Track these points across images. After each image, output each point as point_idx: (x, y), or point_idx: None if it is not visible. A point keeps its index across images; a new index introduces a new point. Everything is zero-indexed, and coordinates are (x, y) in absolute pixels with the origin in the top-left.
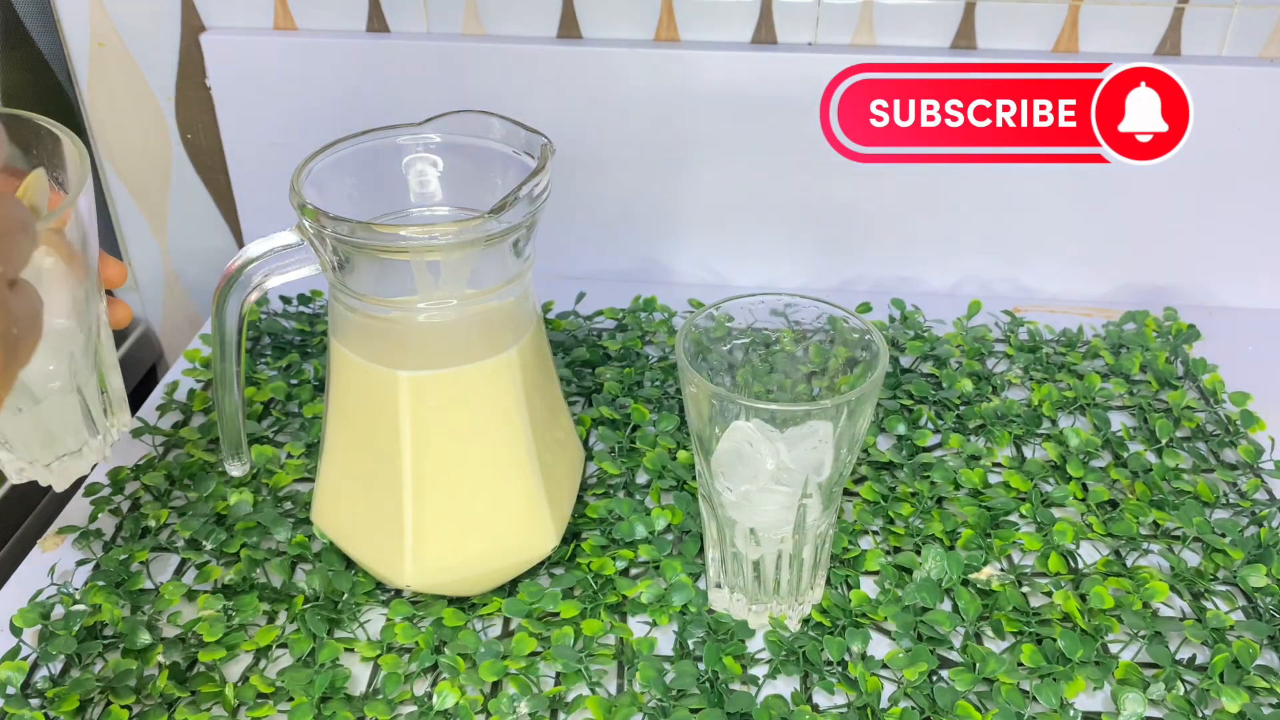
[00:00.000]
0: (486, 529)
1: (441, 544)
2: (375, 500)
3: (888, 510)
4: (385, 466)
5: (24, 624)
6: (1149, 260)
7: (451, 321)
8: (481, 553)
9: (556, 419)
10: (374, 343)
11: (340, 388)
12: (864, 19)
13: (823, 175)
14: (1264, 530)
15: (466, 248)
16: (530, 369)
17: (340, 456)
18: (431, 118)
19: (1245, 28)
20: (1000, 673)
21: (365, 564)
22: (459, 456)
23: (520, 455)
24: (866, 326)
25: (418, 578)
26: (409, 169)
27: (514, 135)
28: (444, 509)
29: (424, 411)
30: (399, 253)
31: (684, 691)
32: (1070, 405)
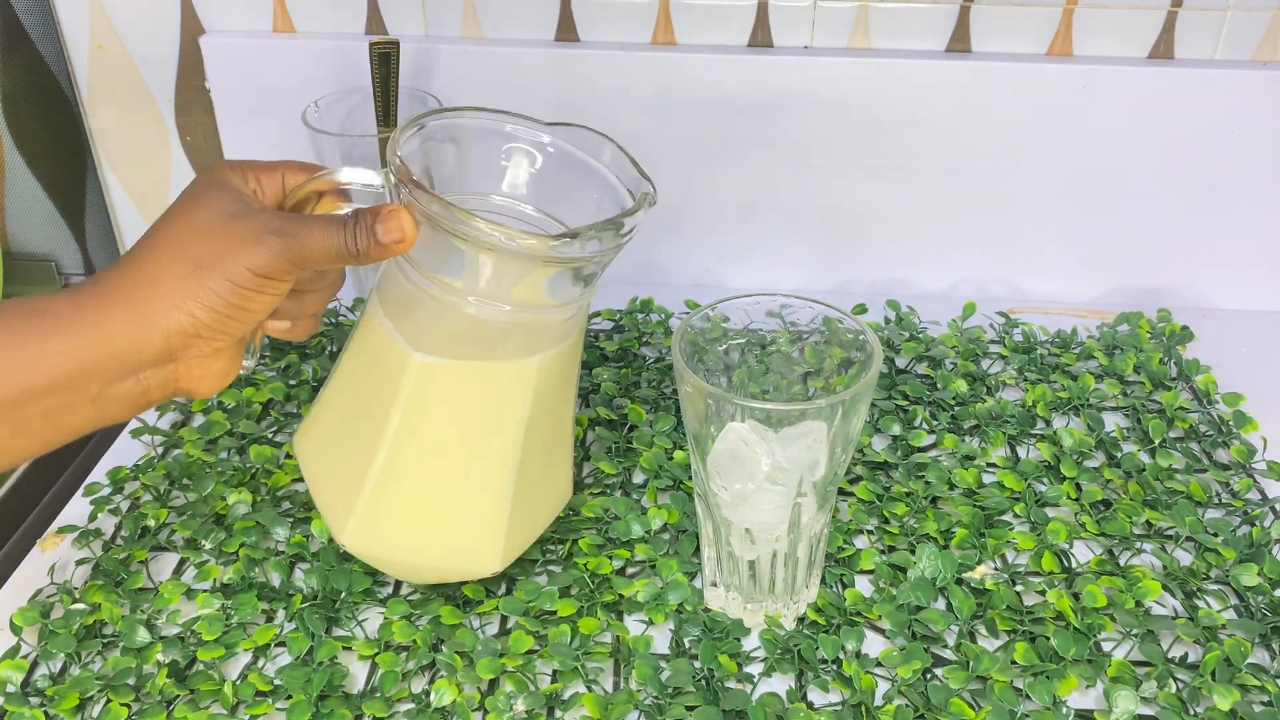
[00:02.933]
0: (437, 527)
1: (389, 522)
2: (349, 452)
3: (883, 510)
4: (370, 428)
5: (24, 623)
6: (1143, 262)
7: (490, 318)
8: (422, 547)
9: (555, 448)
10: (407, 310)
11: (361, 339)
12: (860, 22)
13: (819, 177)
14: (1256, 530)
15: (523, 259)
16: (548, 384)
17: (336, 399)
18: (552, 122)
19: (1238, 31)
20: (994, 671)
21: (318, 504)
22: (442, 448)
23: (501, 470)
24: (861, 327)
25: (354, 541)
26: (508, 157)
27: (622, 167)
28: (406, 492)
29: (424, 396)
30: (458, 237)
31: (680, 689)
32: (1064, 406)
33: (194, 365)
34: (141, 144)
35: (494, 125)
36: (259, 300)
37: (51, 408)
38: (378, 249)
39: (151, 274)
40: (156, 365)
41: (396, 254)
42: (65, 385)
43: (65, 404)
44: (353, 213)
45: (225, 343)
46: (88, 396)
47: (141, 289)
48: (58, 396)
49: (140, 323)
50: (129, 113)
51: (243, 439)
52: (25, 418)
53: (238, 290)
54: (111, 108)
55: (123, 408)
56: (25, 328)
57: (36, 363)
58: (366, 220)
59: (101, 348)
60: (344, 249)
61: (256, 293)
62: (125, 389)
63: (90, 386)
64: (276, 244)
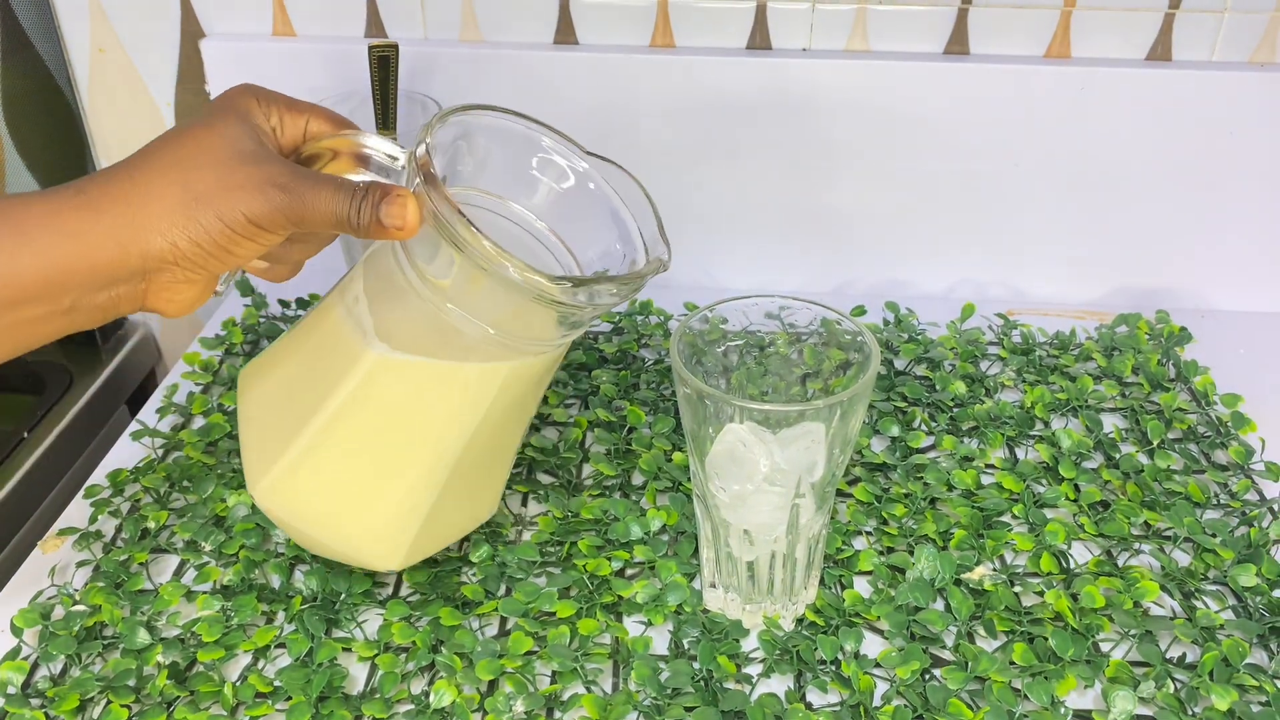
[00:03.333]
0: (349, 511)
1: (304, 492)
2: (284, 410)
3: (881, 511)
4: (310, 398)
5: (25, 624)
6: (1141, 264)
7: (465, 330)
8: (329, 525)
9: (493, 464)
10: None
11: (330, 307)
12: (858, 25)
13: (818, 179)
14: (1254, 530)
15: (516, 291)
16: (505, 400)
17: (289, 356)
18: (591, 152)
19: (1235, 33)
20: (992, 671)
21: (242, 445)
22: (377, 438)
23: (431, 474)
24: (859, 329)
25: (264, 497)
26: (540, 170)
27: (646, 220)
28: (329, 468)
29: (373, 387)
30: (456, 248)
31: (679, 690)
32: (1063, 407)
33: (165, 288)
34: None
35: (534, 136)
36: (246, 247)
37: (24, 319)
38: (377, 228)
39: (144, 191)
40: (130, 282)
41: (395, 239)
42: (38, 297)
43: (39, 315)
44: (364, 185)
45: (200, 277)
46: (61, 308)
47: (131, 206)
48: (31, 308)
49: (121, 240)
50: (129, 116)
51: None
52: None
53: (228, 232)
54: (112, 110)
55: (92, 318)
56: (3, 240)
57: (9, 275)
58: (374, 197)
59: (79, 260)
60: (345, 219)
61: (246, 239)
62: (97, 301)
63: (64, 299)
64: (279, 199)
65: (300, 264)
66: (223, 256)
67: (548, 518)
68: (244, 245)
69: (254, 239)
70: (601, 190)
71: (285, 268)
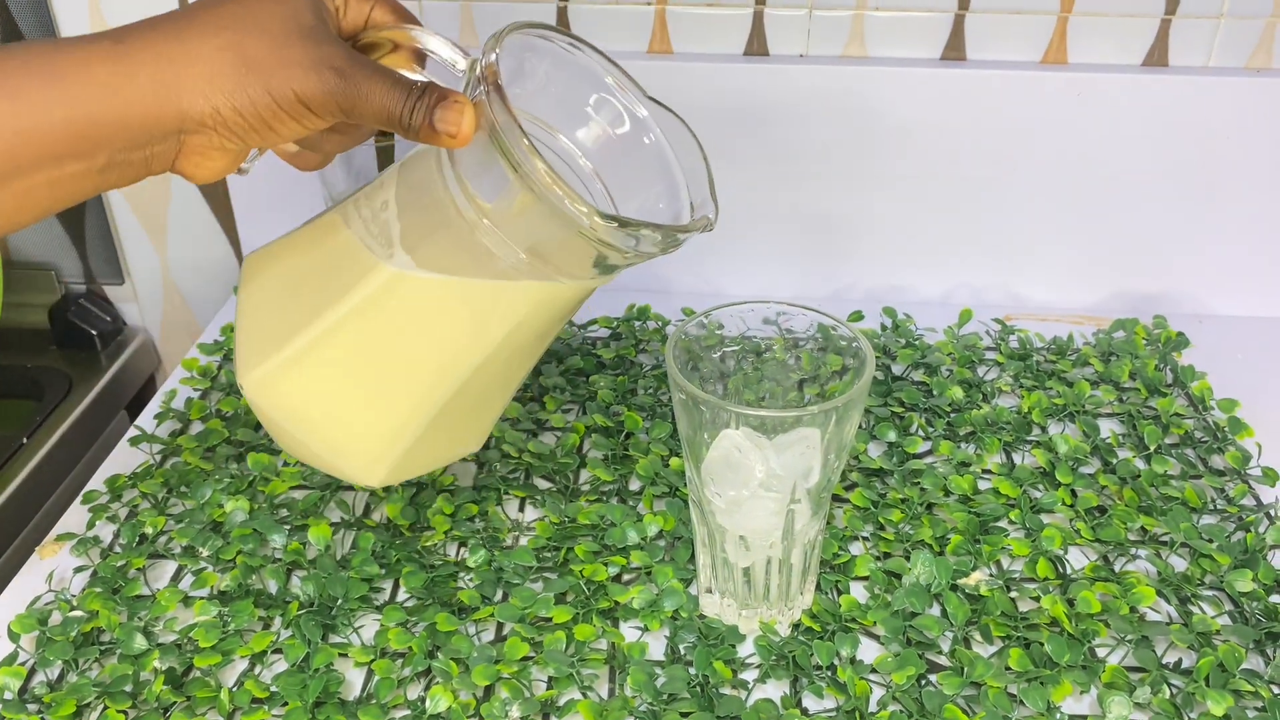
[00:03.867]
0: (339, 419)
1: (295, 391)
2: (286, 306)
3: (878, 516)
4: (316, 299)
5: (22, 630)
6: (1138, 269)
7: (497, 253)
8: (315, 429)
9: (494, 396)
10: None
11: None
12: (855, 31)
13: (815, 185)
14: (1250, 536)
15: (561, 221)
16: (521, 332)
17: (296, 250)
18: (654, 99)
19: (1231, 39)
20: (988, 677)
21: (237, 332)
22: (380, 349)
23: (431, 394)
24: (854, 334)
25: (253, 390)
26: (596, 108)
27: (697, 178)
28: (325, 372)
29: (388, 295)
30: (511, 165)
31: (675, 696)
32: (1060, 412)
33: (196, 151)
34: None
35: (598, 72)
36: (289, 126)
37: (60, 177)
38: (428, 132)
39: (190, 51)
40: (166, 141)
41: (444, 146)
42: (73, 153)
43: (74, 173)
44: (422, 85)
45: (234, 148)
46: (95, 166)
47: (175, 64)
48: (65, 165)
49: (160, 97)
50: None
51: (240, 447)
52: (31, 186)
53: (274, 108)
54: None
55: (125, 176)
56: (32, 92)
57: (43, 128)
58: (430, 99)
59: (113, 114)
60: (397, 116)
61: (291, 119)
62: (132, 159)
63: (98, 156)
64: (334, 83)
65: (331, 156)
66: (263, 131)
67: (544, 523)
68: (287, 124)
69: (299, 120)
70: (656, 144)
71: (316, 157)
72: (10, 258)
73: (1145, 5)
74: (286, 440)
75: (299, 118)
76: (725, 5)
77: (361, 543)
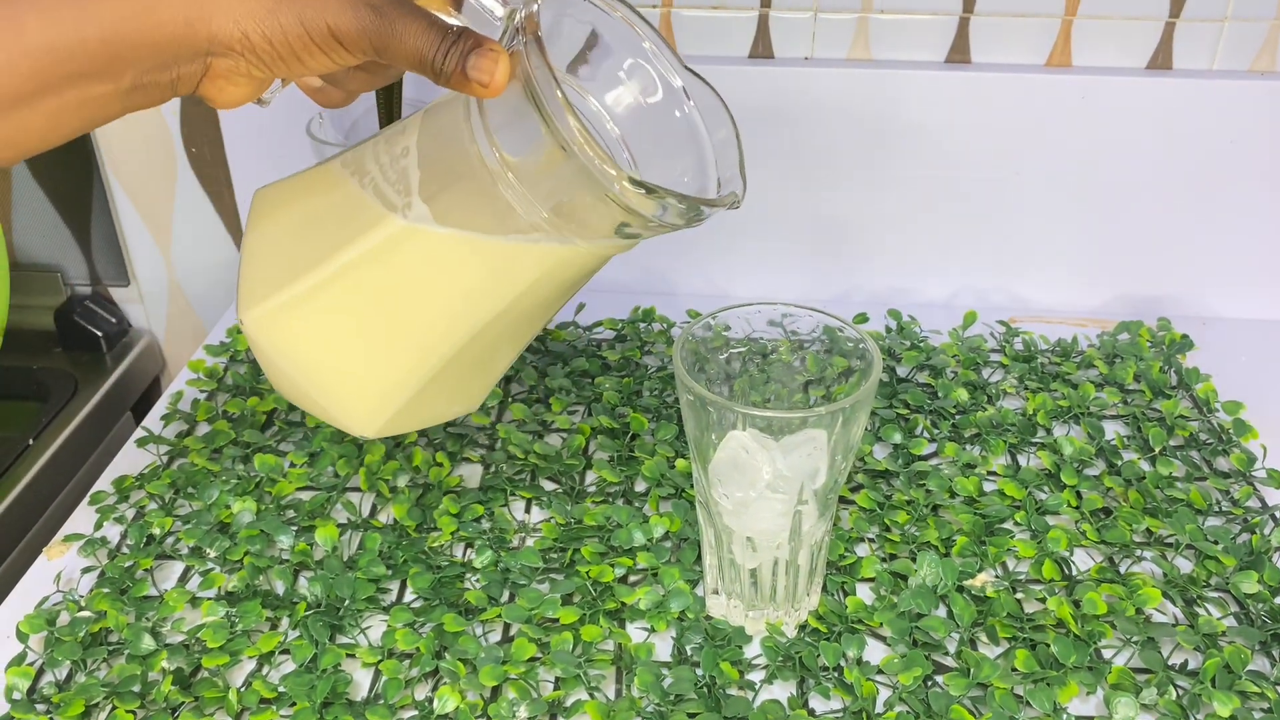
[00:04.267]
0: (337, 366)
1: (296, 332)
2: (298, 243)
3: (884, 518)
4: (329, 240)
5: (30, 630)
6: (1143, 271)
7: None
8: (312, 373)
9: (496, 357)
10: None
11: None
12: (860, 33)
13: (820, 187)
14: (1255, 537)
15: (588, 181)
16: (532, 295)
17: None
18: (691, 69)
19: (1235, 41)
20: (994, 678)
21: (241, 269)
22: (392, 293)
23: (434, 350)
24: (861, 336)
25: (253, 327)
26: (627, 71)
27: (726, 154)
28: (328, 318)
29: (401, 244)
30: (544, 120)
31: (681, 696)
32: (1064, 414)
33: (221, 76)
34: (147, 155)
35: (636, 37)
36: (319, 59)
37: (85, 99)
38: (459, 79)
39: None
40: (193, 63)
41: (474, 95)
42: (101, 72)
43: (100, 95)
44: (457, 30)
45: (260, 76)
46: (122, 87)
47: None
48: (93, 85)
49: (190, 18)
50: (135, 124)
51: (247, 448)
52: (61, 106)
53: (305, 39)
54: (118, 120)
55: (150, 99)
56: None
57: (73, 46)
58: (465, 45)
59: (143, 34)
60: (429, 60)
61: (321, 52)
62: (159, 80)
63: (125, 76)
64: (369, 20)
65: (355, 95)
66: (290, 61)
67: (551, 524)
68: (316, 57)
69: (329, 53)
70: (688, 116)
71: (339, 94)
72: (16, 259)
73: (1149, 8)
74: (282, 382)
75: (329, 51)
76: (730, 8)
77: (368, 543)
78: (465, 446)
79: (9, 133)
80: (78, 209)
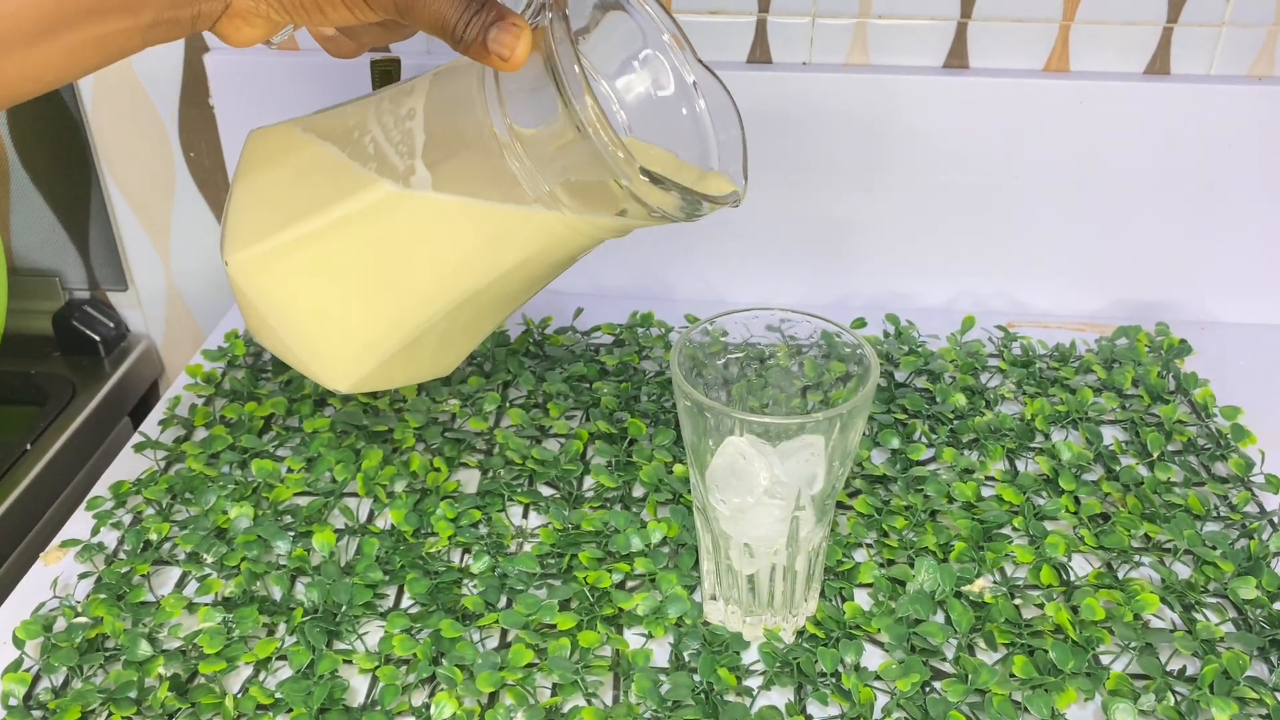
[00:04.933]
0: (322, 316)
1: (279, 280)
2: (291, 191)
3: (881, 523)
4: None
5: (26, 636)
6: (1141, 276)
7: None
8: (295, 322)
9: (477, 324)
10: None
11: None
12: (858, 39)
13: (818, 192)
14: (1254, 543)
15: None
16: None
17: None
18: (707, 65)
19: (1233, 46)
20: (992, 684)
21: (228, 209)
22: (382, 251)
23: (416, 313)
24: (858, 341)
25: (238, 271)
26: (643, 63)
27: (731, 152)
28: (320, 265)
29: (399, 205)
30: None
31: (679, 703)
32: (1063, 419)
33: (239, 16)
34: (145, 160)
35: (654, 27)
36: (339, 12)
37: (104, 34)
38: (479, 49)
39: None
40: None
41: (493, 66)
42: (122, 8)
43: (119, 30)
44: (483, 1)
45: (278, 19)
46: (141, 23)
47: None
48: (112, 21)
49: None
50: (133, 129)
51: (244, 453)
52: (80, 42)
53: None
54: (116, 124)
55: (169, 34)
56: None
57: None
58: (487, 16)
59: None
60: (450, 27)
61: (344, 6)
62: (178, 17)
63: (144, 13)
64: None
65: (365, 48)
66: (311, 11)
67: (548, 529)
68: (338, 10)
69: (352, 9)
70: (698, 110)
71: (350, 45)
72: (14, 264)
73: (1147, 13)
74: (261, 328)
75: (352, 7)
76: (728, 13)
77: (365, 549)
78: (463, 451)
79: (26, 68)
80: (76, 213)
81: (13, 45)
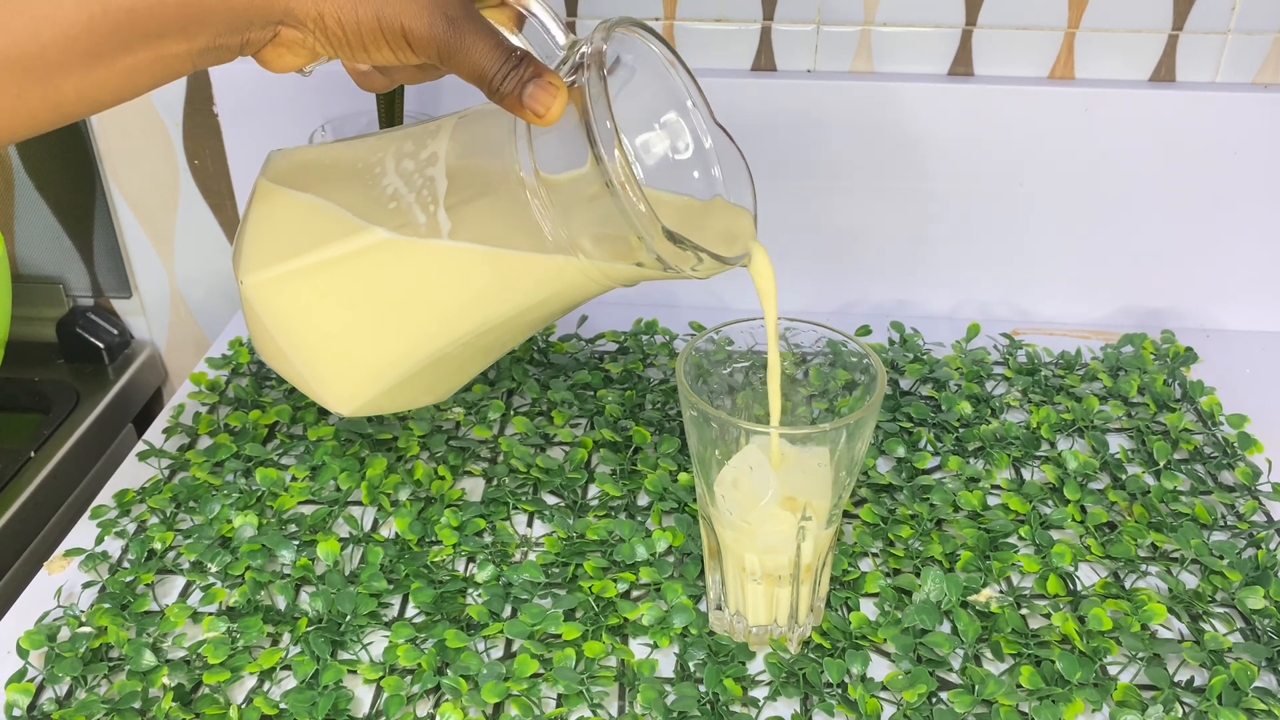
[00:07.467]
0: (333, 343)
1: (294, 304)
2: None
3: (887, 532)
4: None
5: (30, 646)
6: (1146, 284)
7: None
8: (304, 346)
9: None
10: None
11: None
12: (862, 46)
13: (823, 200)
14: (1261, 552)
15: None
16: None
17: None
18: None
19: (1238, 54)
20: (999, 694)
21: (244, 226)
22: (396, 287)
23: (422, 348)
24: (865, 350)
25: (251, 291)
26: (665, 125)
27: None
28: (333, 294)
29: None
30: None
31: (685, 713)
32: (1068, 428)
33: (283, 44)
34: (149, 168)
35: (680, 91)
36: (382, 53)
37: (160, 57)
38: (514, 103)
39: None
40: (265, 29)
41: (526, 120)
42: (180, 32)
43: (174, 54)
44: (520, 55)
45: (321, 53)
46: (195, 48)
47: None
48: (168, 45)
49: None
50: (137, 137)
51: (248, 462)
52: (137, 65)
53: (376, 33)
54: (120, 132)
55: (218, 59)
56: None
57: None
58: (524, 72)
59: None
60: (488, 79)
61: (388, 48)
62: (230, 43)
63: (200, 38)
64: (441, 30)
65: (396, 84)
66: (355, 49)
67: (553, 538)
68: (382, 51)
69: (395, 50)
70: (711, 173)
71: (383, 80)
72: (18, 271)
73: (1152, 21)
74: (268, 348)
75: (396, 49)
76: (733, 21)
77: (370, 558)
78: (467, 460)
79: (85, 89)
80: (80, 220)
81: (71, 67)
